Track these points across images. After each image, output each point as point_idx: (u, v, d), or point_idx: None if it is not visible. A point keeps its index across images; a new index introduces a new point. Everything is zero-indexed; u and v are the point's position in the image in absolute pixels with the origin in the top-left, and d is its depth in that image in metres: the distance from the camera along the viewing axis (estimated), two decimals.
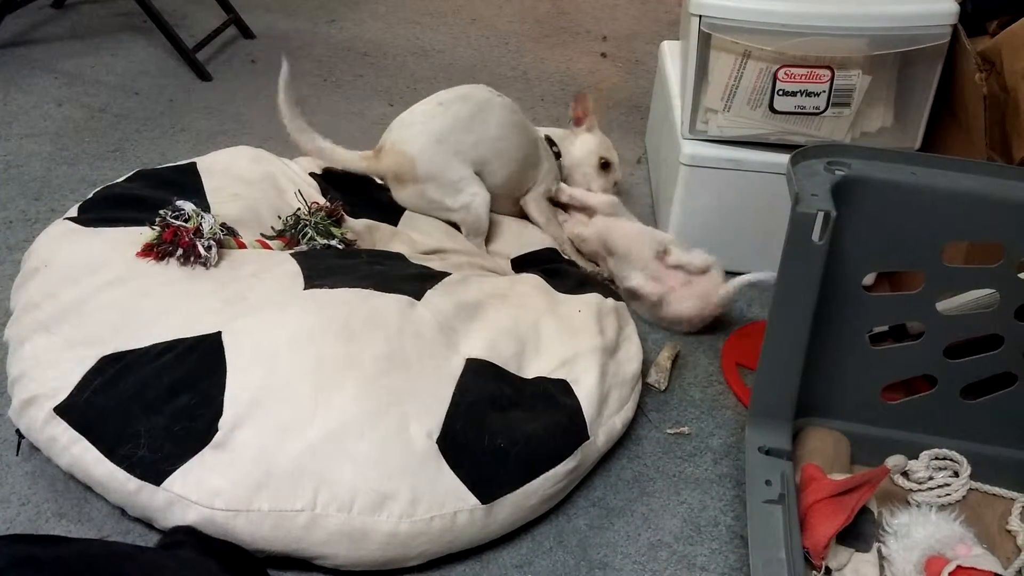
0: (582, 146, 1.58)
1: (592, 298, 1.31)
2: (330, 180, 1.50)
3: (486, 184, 1.43)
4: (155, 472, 0.98)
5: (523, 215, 1.55)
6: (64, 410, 1.03)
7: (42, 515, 1.07)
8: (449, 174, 1.40)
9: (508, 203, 1.53)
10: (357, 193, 1.47)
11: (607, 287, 1.41)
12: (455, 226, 1.45)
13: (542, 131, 1.59)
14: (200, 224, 1.18)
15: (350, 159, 1.45)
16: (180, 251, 1.16)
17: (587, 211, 1.54)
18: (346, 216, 1.38)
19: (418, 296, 1.18)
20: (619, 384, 1.20)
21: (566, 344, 1.20)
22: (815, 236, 1.00)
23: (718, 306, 1.39)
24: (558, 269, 1.41)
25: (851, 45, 1.32)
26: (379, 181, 1.48)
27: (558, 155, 1.59)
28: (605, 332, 1.25)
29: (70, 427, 1.02)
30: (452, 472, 1.01)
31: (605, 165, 1.59)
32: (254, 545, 0.98)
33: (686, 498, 1.16)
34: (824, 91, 1.35)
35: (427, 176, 1.39)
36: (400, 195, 1.45)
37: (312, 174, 1.51)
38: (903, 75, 1.37)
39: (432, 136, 1.39)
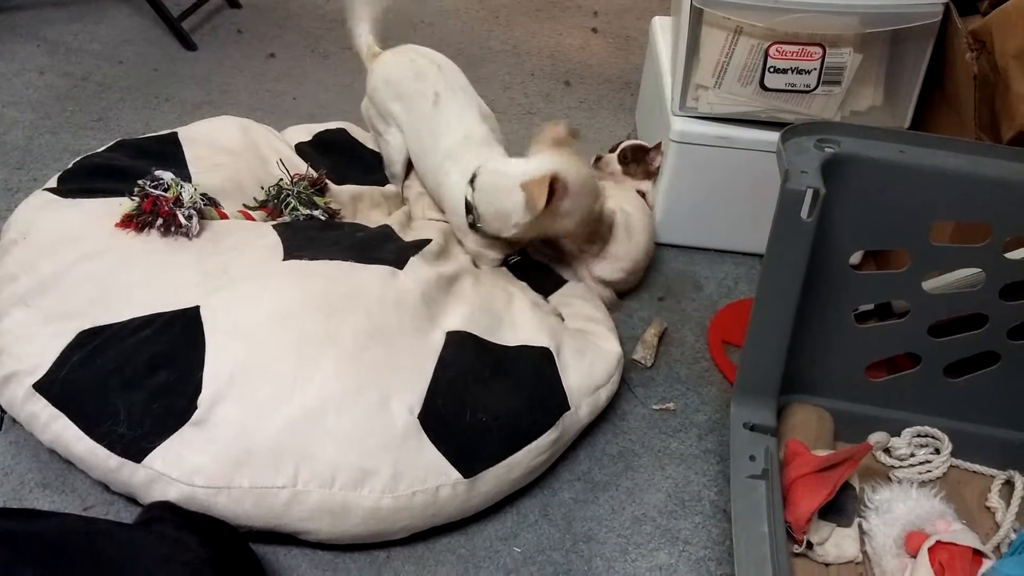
0: None
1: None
2: (319, 147, 1.49)
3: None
4: (135, 450, 0.97)
5: None
6: (43, 387, 1.02)
7: (25, 485, 1.07)
8: (385, 106, 1.43)
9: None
10: (345, 158, 1.46)
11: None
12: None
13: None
14: (180, 193, 1.16)
15: (363, 46, 1.50)
16: (160, 221, 1.15)
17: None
18: (331, 185, 1.36)
19: (400, 265, 1.16)
20: (601, 358, 1.20)
21: (541, 320, 1.20)
22: (803, 213, 0.99)
23: None
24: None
25: (843, 23, 1.31)
26: None
27: None
28: (577, 311, 1.25)
29: (50, 404, 1.01)
30: (434, 447, 1.01)
31: None
32: (236, 521, 0.97)
33: (671, 473, 1.16)
34: (815, 69, 1.34)
35: (372, 88, 1.44)
36: None
37: (299, 144, 1.49)
38: (894, 54, 1.36)
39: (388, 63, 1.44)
